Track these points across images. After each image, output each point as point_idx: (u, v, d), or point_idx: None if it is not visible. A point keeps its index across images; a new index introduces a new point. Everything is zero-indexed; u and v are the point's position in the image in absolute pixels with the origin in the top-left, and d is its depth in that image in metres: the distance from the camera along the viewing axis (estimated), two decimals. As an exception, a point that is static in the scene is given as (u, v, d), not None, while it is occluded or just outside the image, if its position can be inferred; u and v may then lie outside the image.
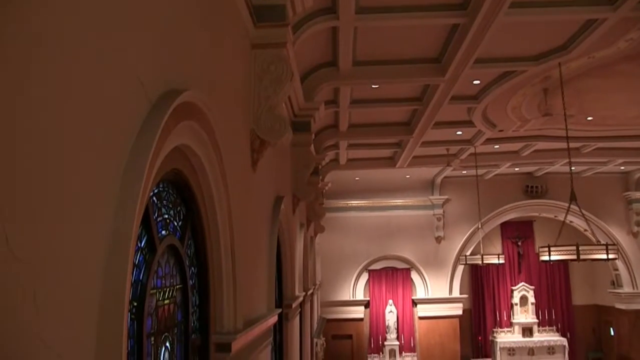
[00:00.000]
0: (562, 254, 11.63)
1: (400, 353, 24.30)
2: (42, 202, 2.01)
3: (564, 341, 25.23)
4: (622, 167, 22.80)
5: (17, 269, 1.84)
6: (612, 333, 25.50)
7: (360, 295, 25.02)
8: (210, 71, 4.59)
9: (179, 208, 4.24)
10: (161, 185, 3.86)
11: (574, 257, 11.46)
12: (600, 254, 11.61)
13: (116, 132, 2.67)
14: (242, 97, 5.88)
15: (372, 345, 24.69)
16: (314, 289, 17.03)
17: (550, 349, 25.05)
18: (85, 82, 2.36)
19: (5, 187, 1.80)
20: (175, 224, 4.16)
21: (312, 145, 11.41)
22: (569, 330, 26.14)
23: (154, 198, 3.71)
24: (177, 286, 4.16)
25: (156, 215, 3.73)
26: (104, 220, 2.48)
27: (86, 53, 2.38)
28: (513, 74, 11.48)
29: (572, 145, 15.94)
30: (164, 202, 3.94)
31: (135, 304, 3.25)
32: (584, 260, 11.66)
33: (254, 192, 6.35)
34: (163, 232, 3.86)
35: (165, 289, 3.90)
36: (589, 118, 15.17)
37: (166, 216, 3.96)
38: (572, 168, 13.28)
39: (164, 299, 3.85)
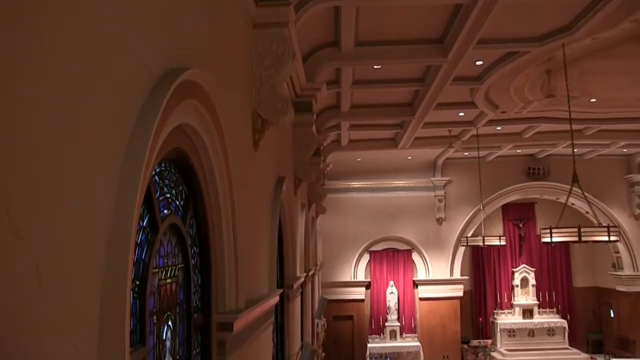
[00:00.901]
0: (564, 236, 11.64)
1: (401, 334, 24.39)
2: (44, 179, 2.01)
3: (564, 323, 25.29)
4: (625, 150, 22.73)
5: (20, 247, 1.84)
6: (612, 315, 25.58)
7: (361, 276, 25.08)
8: (211, 50, 4.55)
9: (180, 187, 4.22)
10: (163, 165, 3.84)
11: (576, 238, 11.47)
12: (601, 235, 11.61)
13: (118, 110, 2.65)
14: (244, 77, 5.85)
15: (373, 326, 24.78)
16: (315, 269, 17.04)
17: (550, 331, 25.15)
18: (88, 61, 2.35)
19: (7, 165, 1.79)
20: (177, 203, 4.15)
21: (314, 126, 11.37)
22: (569, 312, 26.21)
23: (156, 177, 3.70)
24: (179, 265, 4.16)
25: (158, 194, 3.72)
26: (106, 199, 2.47)
27: (88, 32, 2.36)
28: (516, 55, 11.41)
29: (575, 127, 15.89)
30: (166, 181, 3.93)
31: (137, 282, 3.24)
32: (586, 242, 11.66)
33: (255, 172, 6.34)
34: (165, 211, 3.85)
35: (167, 268, 3.90)
36: (593, 100, 15.11)
37: (168, 195, 3.94)
38: (575, 150, 13.25)
39: (166, 278, 3.86)
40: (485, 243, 19.10)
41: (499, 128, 18.00)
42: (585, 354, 24.83)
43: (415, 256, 24.99)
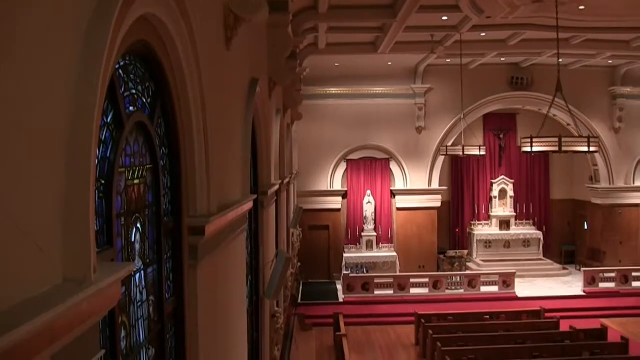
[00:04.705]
0: (544, 145, 11.59)
1: (377, 244, 24.51)
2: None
3: (539, 234, 25.76)
4: (610, 61, 22.55)
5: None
6: (586, 227, 26.08)
7: (337, 185, 24.98)
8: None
9: (147, 83, 4.11)
10: (127, 58, 3.65)
11: (556, 148, 11.43)
12: (581, 146, 11.60)
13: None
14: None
15: (349, 236, 24.84)
16: (290, 177, 16.93)
17: (526, 242, 25.59)
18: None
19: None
20: (144, 100, 4.03)
21: (290, 27, 10.92)
22: (545, 223, 26.58)
23: (120, 71, 3.52)
24: (147, 166, 4.06)
25: (123, 89, 3.56)
26: (65, 91, 2.31)
27: None
28: (506, -47, 10.97)
29: (562, 35, 15.53)
30: (131, 76, 3.76)
31: (102, 181, 3.14)
32: (565, 151, 11.64)
33: (227, 71, 6.09)
34: (131, 108, 3.71)
35: (134, 168, 3.80)
36: (581, 7, 14.73)
37: (134, 91, 3.79)
38: (560, 60, 13.00)
39: (133, 179, 3.77)
40: (465, 152, 19.07)
41: (483, 34, 17.60)
42: (558, 264, 25.46)
43: (393, 165, 24.88)
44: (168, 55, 4.12)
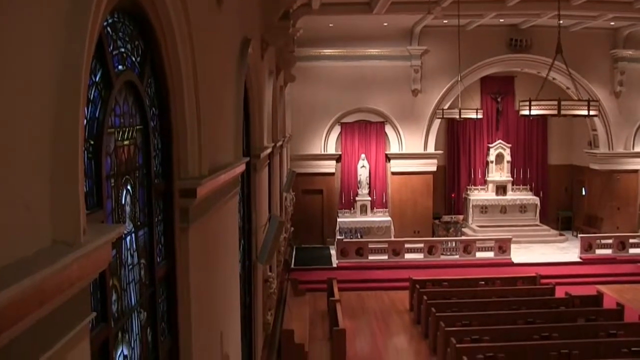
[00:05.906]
0: (543, 109, 11.45)
1: (372, 209, 24.37)
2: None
3: (536, 200, 25.69)
4: (612, 23, 22.22)
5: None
6: (584, 193, 26.01)
7: (331, 149, 24.74)
8: None
9: (137, 42, 4.04)
10: (116, 15, 3.59)
11: (555, 112, 11.29)
12: (581, 109, 11.47)
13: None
14: None
15: (343, 201, 24.68)
16: (283, 141, 16.77)
17: (522, 208, 25.53)
18: None
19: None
20: (133, 59, 3.96)
21: (282, -15, 10.74)
22: (542, 189, 26.48)
23: (108, 29, 3.46)
24: (137, 127, 4.01)
25: (111, 47, 3.50)
26: (52, 48, 2.26)
27: None
28: None
29: (563, -6, 15.31)
30: (120, 34, 3.69)
31: (91, 142, 3.11)
32: (565, 115, 11.51)
33: (219, 30, 5.99)
34: (120, 67, 3.65)
35: (124, 129, 3.75)
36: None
37: (123, 50, 3.72)
38: (560, 21, 12.77)
39: (123, 140, 3.73)
40: (462, 116, 18.83)
41: (482, -7, 17.36)
42: (555, 230, 25.43)
43: (388, 129, 24.64)
44: (157, 12, 4.06)
